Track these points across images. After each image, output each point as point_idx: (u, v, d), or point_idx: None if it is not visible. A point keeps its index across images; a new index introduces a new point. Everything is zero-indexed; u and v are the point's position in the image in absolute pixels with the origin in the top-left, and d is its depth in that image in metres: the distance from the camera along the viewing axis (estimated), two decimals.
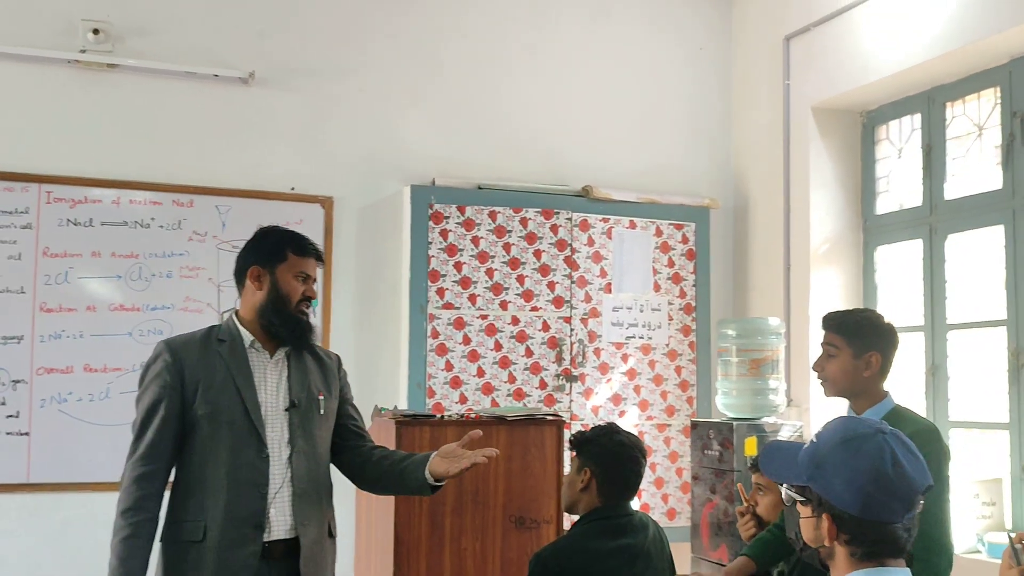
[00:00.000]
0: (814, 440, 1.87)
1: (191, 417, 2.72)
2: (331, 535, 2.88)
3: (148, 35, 4.66)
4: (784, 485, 1.91)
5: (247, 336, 2.81)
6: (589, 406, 5.03)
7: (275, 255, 2.82)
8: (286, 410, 2.78)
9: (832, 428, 1.87)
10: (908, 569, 1.80)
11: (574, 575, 2.67)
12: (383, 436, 3.78)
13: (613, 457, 2.85)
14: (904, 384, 4.76)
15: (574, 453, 2.95)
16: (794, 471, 1.87)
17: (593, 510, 2.84)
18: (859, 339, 2.91)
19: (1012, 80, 4.27)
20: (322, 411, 2.86)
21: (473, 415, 3.88)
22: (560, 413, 4.88)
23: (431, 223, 4.85)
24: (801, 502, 1.85)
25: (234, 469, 2.69)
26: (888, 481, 1.73)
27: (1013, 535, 2.09)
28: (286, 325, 2.80)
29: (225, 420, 2.70)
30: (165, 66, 4.65)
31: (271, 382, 2.80)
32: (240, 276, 2.86)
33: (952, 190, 4.59)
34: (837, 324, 2.96)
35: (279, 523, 2.71)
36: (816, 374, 3.00)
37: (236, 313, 2.87)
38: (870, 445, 1.77)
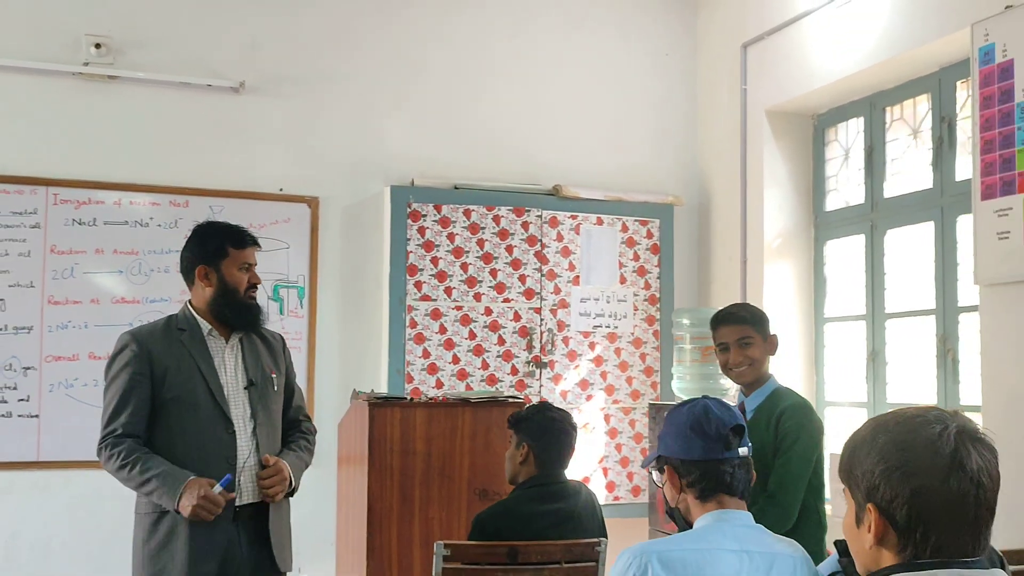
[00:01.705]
0: None
1: (159, 401, 3.03)
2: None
3: (146, 48, 5.04)
4: (649, 469, 2.31)
5: (205, 325, 3.13)
6: (558, 391, 5.40)
7: (218, 253, 3.12)
8: (245, 388, 3.12)
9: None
10: (748, 513, 2.18)
11: (509, 535, 3.03)
12: (358, 417, 4.16)
13: (546, 432, 3.21)
14: (847, 369, 5.12)
15: (512, 431, 3.31)
16: (652, 454, 2.29)
17: (530, 478, 3.21)
18: (763, 325, 3.32)
19: (941, 87, 4.60)
20: (275, 387, 3.21)
21: (440, 397, 4.27)
22: (531, 397, 5.27)
23: (409, 221, 5.22)
24: (657, 471, 2.25)
25: (204, 445, 3.02)
26: (700, 424, 2.16)
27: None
28: (238, 313, 3.13)
29: (191, 403, 3.03)
30: (162, 77, 5.03)
31: (229, 365, 3.13)
32: (188, 275, 3.17)
33: (891, 189, 4.93)
34: (744, 318, 3.35)
35: (248, 489, 3.08)
36: (740, 367, 3.34)
37: (190, 303, 3.18)
38: (689, 404, 2.23)
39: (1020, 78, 3.82)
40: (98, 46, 4.93)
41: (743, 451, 2.17)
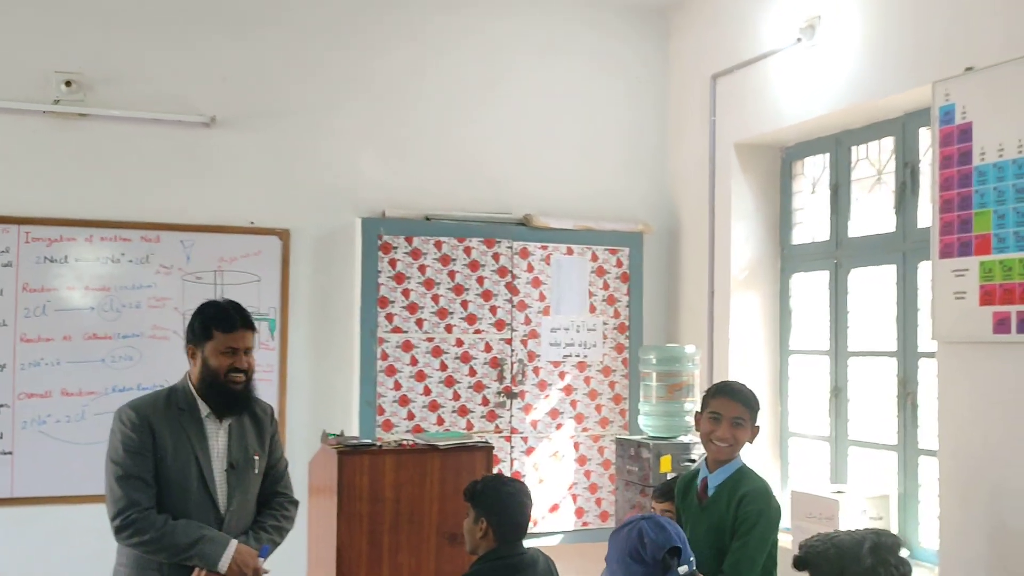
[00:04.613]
0: None
1: (155, 476, 3.09)
2: None
3: (116, 85, 5.04)
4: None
5: (203, 408, 3.18)
6: (528, 420, 5.48)
7: (203, 335, 3.15)
8: (225, 471, 3.18)
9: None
10: None
11: None
12: (327, 463, 4.23)
13: (503, 505, 3.27)
14: (811, 402, 5.22)
15: (469, 504, 3.37)
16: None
17: (490, 551, 3.28)
18: (757, 413, 3.34)
19: (905, 132, 4.66)
20: (256, 470, 3.27)
21: (409, 443, 4.33)
22: (501, 427, 5.36)
23: (380, 253, 5.26)
24: None
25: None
26: (636, 552, 2.27)
27: None
28: (216, 397, 3.16)
29: (184, 487, 3.10)
30: (132, 113, 5.04)
31: (220, 446, 3.19)
32: (185, 351, 3.22)
33: (856, 227, 5.00)
34: (746, 399, 3.34)
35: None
36: (724, 443, 3.33)
37: (190, 378, 3.21)
38: (626, 529, 2.33)
39: (978, 142, 3.88)
40: (68, 84, 4.94)
41: (683, 570, 2.26)
